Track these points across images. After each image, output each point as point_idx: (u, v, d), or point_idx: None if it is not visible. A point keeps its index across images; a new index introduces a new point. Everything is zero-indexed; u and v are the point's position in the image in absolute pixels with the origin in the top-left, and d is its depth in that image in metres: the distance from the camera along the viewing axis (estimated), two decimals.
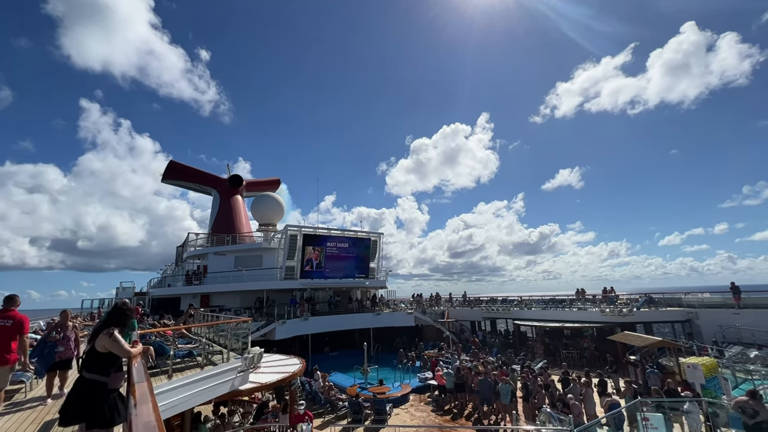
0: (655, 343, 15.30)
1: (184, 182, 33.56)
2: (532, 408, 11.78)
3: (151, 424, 1.59)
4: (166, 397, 6.57)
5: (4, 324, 4.71)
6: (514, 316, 25.87)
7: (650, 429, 9.01)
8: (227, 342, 9.80)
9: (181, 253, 30.52)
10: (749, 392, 8.03)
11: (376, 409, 13.02)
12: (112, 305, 3.57)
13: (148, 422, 1.59)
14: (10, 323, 4.74)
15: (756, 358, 13.65)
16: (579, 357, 20.41)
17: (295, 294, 25.14)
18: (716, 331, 17.81)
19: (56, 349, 5.58)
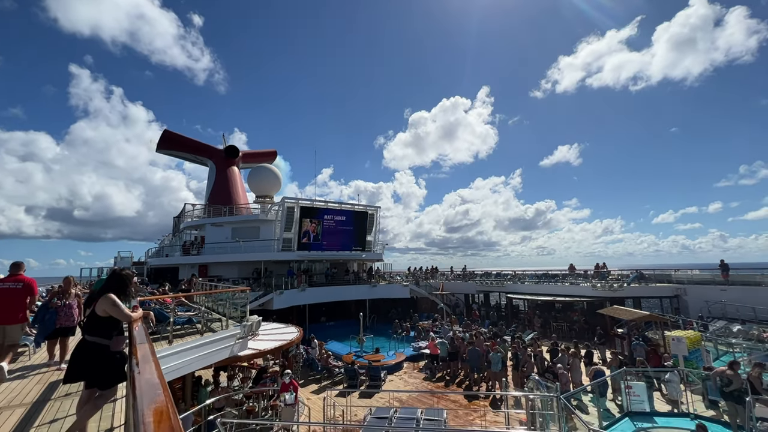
0: (643, 317, 15.77)
1: (179, 152, 33.08)
2: (521, 376, 12.29)
3: (153, 381, 1.64)
4: (167, 361, 6.77)
5: (15, 287, 5.04)
6: (507, 290, 26.46)
7: (632, 396, 9.46)
8: (226, 310, 10.03)
9: (178, 224, 30.55)
10: (729, 363, 8.39)
11: (371, 375, 13.52)
12: (110, 271, 3.60)
13: (151, 379, 1.65)
14: (20, 285, 5.06)
15: (738, 332, 14.16)
16: (569, 329, 21.05)
17: (293, 265, 25.45)
18: (702, 306, 18.33)
19: (58, 316, 5.56)
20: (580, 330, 20.60)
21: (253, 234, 26.17)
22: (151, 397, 1.40)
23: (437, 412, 9.70)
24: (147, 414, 1.21)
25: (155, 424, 1.13)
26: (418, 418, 9.23)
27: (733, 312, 16.99)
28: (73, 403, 3.80)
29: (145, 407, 1.29)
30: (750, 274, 19.24)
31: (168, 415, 1.18)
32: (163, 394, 1.40)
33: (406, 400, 12.06)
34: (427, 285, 28.89)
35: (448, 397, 12.31)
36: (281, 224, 24.34)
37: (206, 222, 26.97)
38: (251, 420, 8.62)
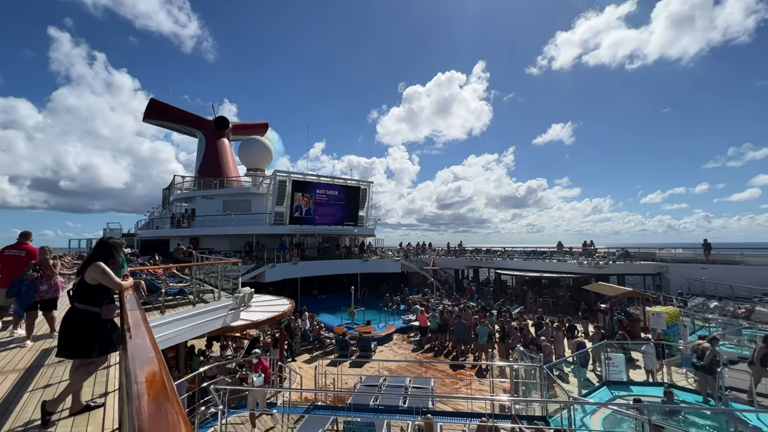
0: (626, 293, 16.30)
1: (167, 122, 32.14)
2: (506, 348, 12.75)
3: (144, 345, 1.66)
4: (160, 330, 6.85)
5: (18, 254, 5.48)
6: (496, 266, 26.98)
7: (612, 367, 9.91)
8: (218, 282, 10.09)
9: (168, 196, 30.13)
10: (709, 338, 8.78)
11: (361, 346, 13.90)
12: (98, 240, 3.54)
13: (142, 343, 1.67)
14: (24, 254, 5.48)
15: (715, 309, 14.74)
16: (554, 304, 21.70)
17: (285, 239, 25.49)
18: (683, 283, 18.95)
19: (38, 288, 5.27)
20: (565, 305, 21.26)
21: (245, 207, 25.99)
22: (142, 359, 1.42)
23: (425, 381, 10.08)
24: (139, 375, 1.23)
25: (147, 384, 1.16)
26: (407, 386, 9.59)
27: (711, 289, 17.62)
28: (67, 369, 3.85)
29: (137, 369, 1.31)
30: (730, 253, 19.84)
31: (160, 377, 1.21)
32: (154, 357, 1.43)
33: (396, 369, 12.47)
34: (418, 260, 29.27)
35: (435, 367, 12.76)
36: (273, 198, 24.15)
37: (196, 194, 26.65)
38: (244, 387, 8.85)
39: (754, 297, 15.59)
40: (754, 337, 11.38)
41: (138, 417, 0.98)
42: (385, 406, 8.39)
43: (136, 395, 1.10)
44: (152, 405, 1.02)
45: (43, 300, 5.29)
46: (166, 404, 1.02)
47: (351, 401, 8.55)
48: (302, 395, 10.23)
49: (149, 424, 0.94)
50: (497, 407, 8.47)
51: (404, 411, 8.09)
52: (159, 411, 0.99)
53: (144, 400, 1.05)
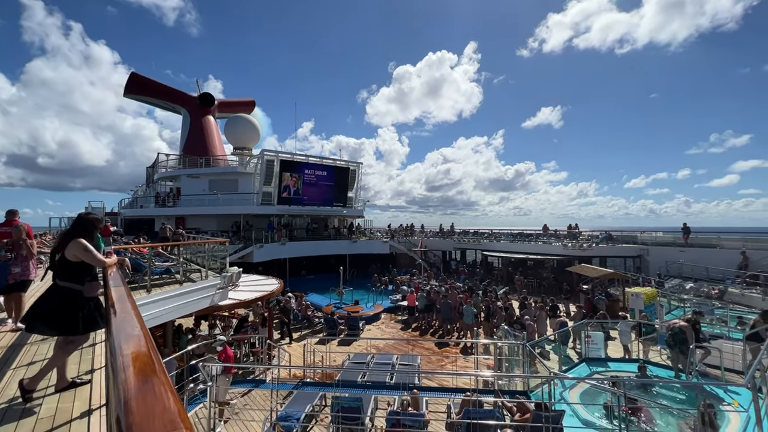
0: (607, 274, 16.81)
1: (150, 98, 31.02)
2: (491, 327, 13.10)
3: (130, 318, 1.65)
4: (146, 309, 6.79)
5: (6, 230, 5.54)
6: (483, 248, 27.42)
7: (591, 344, 10.31)
8: (205, 262, 10.02)
9: (152, 174, 29.43)
10: (687, 318, 9.16)
11: (349, 325, 14.09)
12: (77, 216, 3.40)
13: (127, 317, 1.65)
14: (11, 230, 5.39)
15: (690, 290, 15.34)
16: (538, 285, 22.27)
17: (273, 219, 25.30)
18: (662, 266, 19.62)
19: (11, 269, 5.01)
20: (548, 286, 21.83)
21: (232, 187, 25.59)
22: (127, 333, 1.41)
23: (411, 358, 10.33)
24: (125, 348, 1.22)
25: (133, 356, 1.15)
26: (394, 363, 9.82)
27: (688, 271, 18.28)
28: (50, 347, 3.81)
29: (122, 343, 1.30)
30: (707, 237, 20.57)
31: (146, 349, 1.20)
32: (140, 330, 1.41)
33: (383, 347, 12.73)
34: (406, 242, 29.49)
35: (422, 345, 13.06)
36: (261, 177, 23.80)
37: (182, 173, 26.07)
38: (232, 364, 8.93)
39: (727, 279, 16.25)
40: (725, 316, 11.94)
41: (124, 389, 0.97)
42: (373, 383, 8.60)
43: (122, 368, 1.09)
44: (138, 377, 1.02)
45: (16, 282, 5.01)
46: (152, 376, 1.02)
47: (339, 378, 8.73)
48: (291, 372, 10.39)
49: (136, 395, 0.94)
50: (481, 383, 8.76)
51: (391, 387, 8.31)
52: (145, 383, 0.99)
53: (130, 372, 1.04)
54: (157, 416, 0.83)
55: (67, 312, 2.98)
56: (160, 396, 0.91)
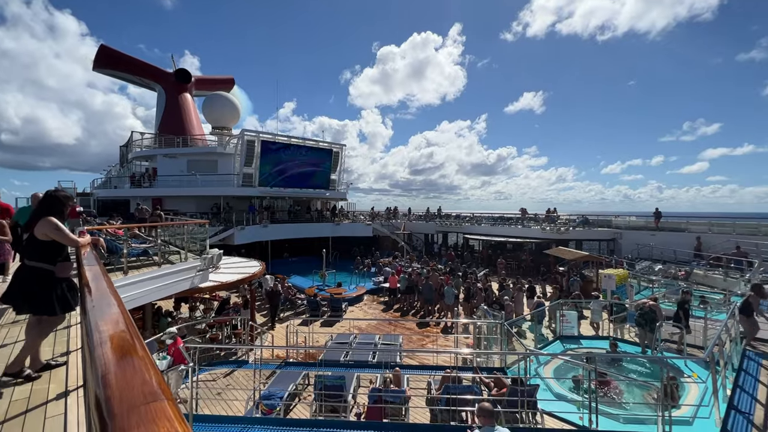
0: (582, 257, 17.40)
1: (121, 73, 29.39)
2: (471, 307, 13.45)
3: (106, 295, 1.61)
4: (123, 291, 6.65)
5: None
6: (464, 231, 27.86)
7: (565, 323, 10.75)
8: (185, 244, 9.81)
9: (126, 154, 28.27)
10: (652, 298, 9.65)
11: (332, 306, 14.20)
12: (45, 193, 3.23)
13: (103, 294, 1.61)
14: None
15: (659, 271, 16.09)
16: (517, 267, 22.89)
17: (254, 201, 24.88)
18: (634, 248, 20.46)
19: None
20: (527, 268, 22.47)
21: (211, 168, 24.89)
22: (103, 310, 1.38)
23: (393, 338, 10.54)
24: (101, 325, 1.20)
25: (110, 332, 1.13)
26: (376, 342, 10.01)
27: (657, 254, 19.15)
28: (22, 330, 3.70)
29: (98, 320, 1.27)
30: (677, 221, 21.51)
31: (123, 325, 1.18)
32: (116, 306, 1.39)
33: (366, 328, 12.93)
34: (389, 224, 29.61)
35: (404, 325, 13.33)
36: (241, 158, 23.23)
37: (158, 153, 25.12)
38: (214, 345, 8.92)
39: (693, 261, 17.12)
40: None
41: (102, 363, 0.96)
42: (356, 362, 8.76)
43: (99, 343, 1.07)
44: (116, 351, 1.01)
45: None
46: (130, 350, 1.00)
47: (322, 357, 8.85)
48: (274, 353, 10.45)
49: (114, 369, 0.92)
50: (460, 360, 9.06)
51: (373, 365, 8.49)
52: (123, 357, 0.98)
53: (107, 347, 1.03)
54: (136, 388, 0.82)
55: (42, 292, 2.89)
56: (139, 369, 0.90)
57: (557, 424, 6.00)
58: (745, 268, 14.01)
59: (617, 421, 6.18)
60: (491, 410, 4.10)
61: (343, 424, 5.63)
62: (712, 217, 21.35)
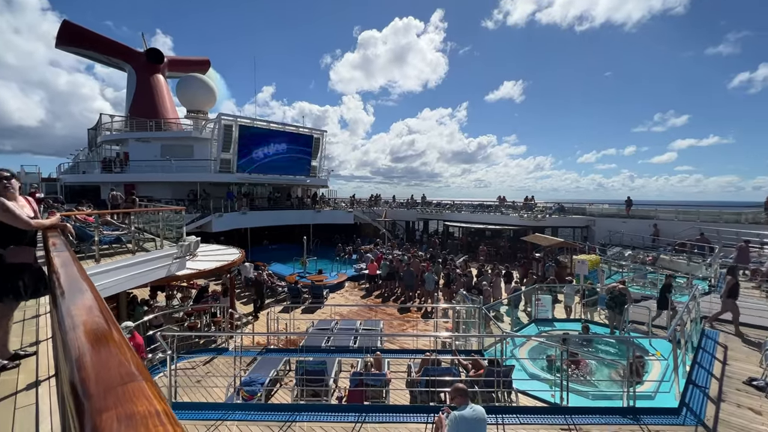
0: (558, 243, 17.96)
1: (87, 51, 27.75)
2: (451, 292, 13.74)
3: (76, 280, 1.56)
4: (96, 279, 6.43)
5: None
6: (445, 218, 28.21)
7: (540, 307, 11.15)
8: (160, 231, 9.54)
9: (95, 137, 26.94)
10: (620, 282, 10.10)
11: (313, 293, 14.20)
12: None
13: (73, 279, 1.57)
14: None
15: (629, 257, 16.82)
16: (496, 254, 23.44)
17: (232, 188, 24.33)
18: (606, 235, 21.29)
19: None
20: (504, 254, 23.04)
21: (186, 153, 24.09)
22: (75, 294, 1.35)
23: (374, 323, 10.67)
24: (73, 309, 1.17)
25: (83, 316, 1.11)
26: (357, 328, 10.11)
27: (628, 240, 20.00)
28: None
29: (70, 304, 1.24)
30: (646, 209, 22.46)
31: (97, 308, 1.15)
32: (88, 290, 1.35)
33: (347, 314, 13.01)
34: (370, 212, 29.61)
35: (385, 311, 13.50)
36: (218, 143, 22.57)
37: (129, 136, 24.08)
38: (192, 333, 8.81)
39: (660, 247, 17.97)
40: (656, 280, 13.27)
41: (76, 347, 0.94)
42: (337, 347, 8.85)
43: (71, 328, 1.05)
44: (90, 334, 0.99)
45: None
46: (105, 333, 0.99)
47: (303, 344, 8.88)
48: (254, 340, 10.42)
49: (89, 351, 0.91)
50: (439, 344, 9.29)
51: (355, 350, 8.59)
52: (98, 339, 0.96)
53: (80, 331, 1.01)
54: (112, 369, 0.81)
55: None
56: (114, 351, 0.89)
57: (531, 402, 6.28)
58: (706, 254, 14.82)
59: (586, 398, 6.53)
60: (465, 389, 4.25)
61: (325, 407, 5.71)
62: (678, 205, 22.41)
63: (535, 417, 5.28)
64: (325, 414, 5.40)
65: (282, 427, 5.12)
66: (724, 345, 7.28)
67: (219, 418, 5.28)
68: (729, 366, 6.47)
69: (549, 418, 5.24)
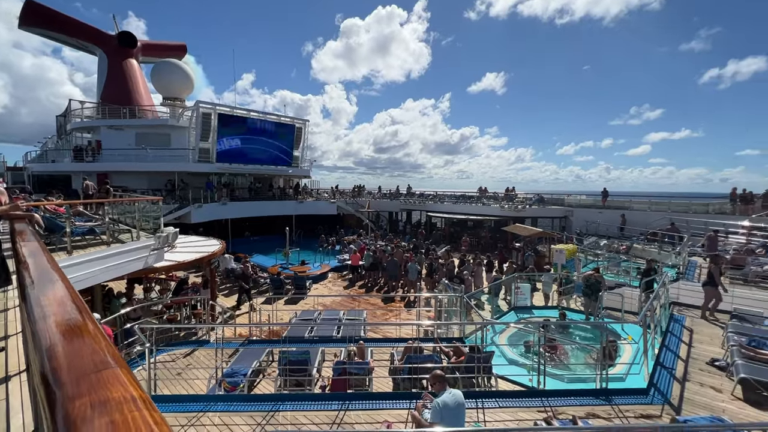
0: (537, 233, 18.39)
1: (55, 33, 26.25)
2: (433, 282, 13.92)
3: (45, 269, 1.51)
4: (69, 272, 6.22)
5: None
6: (428, 209, 28.42)
7: (519, 295, 11.44)
8: (136, 222, 9.27)
9: (64, 125, 25.72)
10: (594, 268, 10.44)
11: (296, 284, 14.13)
12: None
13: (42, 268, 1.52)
14: None
15: (604, 246, 17.39)
16: (477, 244, 23.83)
17: (212, 178, 23.76)
18: (583, 225, 21.93)
19: None
20: (486, 244, 23.46)
21: (163, 141, 23.32)
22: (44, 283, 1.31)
23: (358, 313, 10.73)
24: (42, 299, 1.13)
25: (54, 305, 1.07)
26: (341, 318, 10.15)
27: (603, 230, 20.67)
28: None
29: (40, 294, 1.20)
30: (622, 200, 23.23)
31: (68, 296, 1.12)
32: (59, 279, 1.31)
33: (330, 305, 13.03)
34: (353, 202, 29.52)
35: (368, 301, 13.58)
36: (197, 132, 21.94)
37: (102, 124, 23.08)
38: (172, 325, 8.66)
39: (633, 236, 18.65)
40: (629, 268, 13.80)
41: (47, 337, 0.92)
42: (320, 337, 8.86)
43: (42, 318, 1.02)
44: (62, 324, 0.96)
45: None
46: (77, 322, 0.96)
47: (286, 334, 8.85)
48: (236, 332, 10.33)
49: (60, 341, 0.89)
50: (422, 332, 9.43)
51: (338, 340, 8.64)
52: (70, 328, 0.94)
53: (51, 321, 0.98)
54: (85, 358, 0.80)
55: None
56: (88, 339, 0.87)
57: (509, 386, 6.48)
58: (676, 243, 15.48)
59: (562, 381, 6.79)
60: (443, 375, 4.36)
61: (308, 396, 5.75)
62: (651, 196, 23.25)
63: (513, 400, 5.46)
64: (308, 403, 5.44)
65: (265, 416, 5.13)
66: (690, 328, 7.68)
67: (201, 410, 5.24)
68: (694, 348, 6.84)
69: (526, 401, 5.44)
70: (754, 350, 5.96)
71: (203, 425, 4.95)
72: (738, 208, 18.02)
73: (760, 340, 6.32)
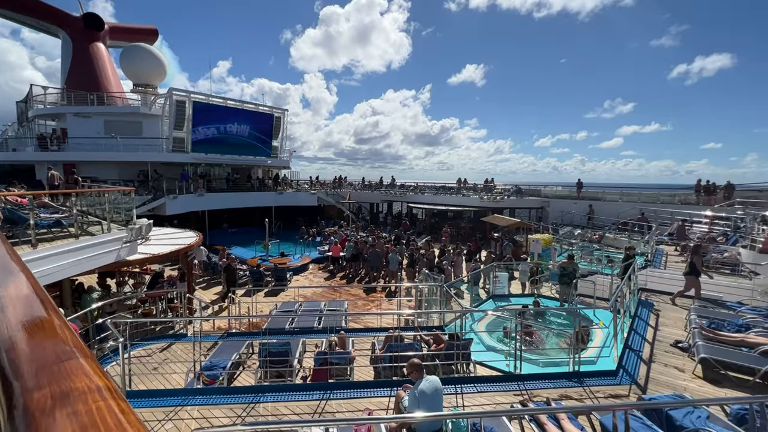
0: (515, 223, 18.81)
1: (11, 13, 24.58)
2: (414, 272, 14.07)
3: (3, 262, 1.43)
4: (34, 266, 5.94)
5: None
6: (408, 200, 28.58)
7: (497, 284, 11.71)
8: (107, 214, 8.91)
9: (26, 111, 24.27)
10: (568, 255, 10.78)
11: (276, 276, 13.99)
12: None
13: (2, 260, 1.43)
14: None
15: (578, 235, 17.99)
16: (457, 234, 24.18)
17: (187, 169, 23.05)
18: (558, 215, 22.58)
19: None
20: (465, 234, 23.83)
21: (134, 130, 22.39)
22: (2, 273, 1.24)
23: (339, 304, 10.74)
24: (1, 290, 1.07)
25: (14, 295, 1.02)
26: (322, 309, 10.13)
27: (577, 220, 21.36)
28: None
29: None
30: (595, 191, 24.01)
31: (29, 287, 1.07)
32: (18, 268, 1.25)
33: (311, 296, 12.98)
34: (334, 194, 29.32)
35: (349, 292, 13.60)
36: (170, 121, 21.18)
37: (67, 111, 21.93)
38: (147, 319, 8.44)
39: (606, 226, 19.35)
40: (601, 256, 14.32)
41: (5, 328, 0.87)
42: (301, 328, 8.83)
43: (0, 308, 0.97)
44: (21, 314, 0.92)
45: None
46: (38, 312, 0.92)
47: (267, 326, 8.78)
48: (215, 325, 10.17)
49: (20, 331, 0.85)
50: (402, 321, 9.54)
51: (319, 331, 8.63)
52: (31, 318, 0.90)
53: (10, 312, 0.93)
54: (47, 349, 0.76)
55: None
56: (50, 329, 0.83)
57: (487, 372, 6.66)
58: (645, 232, 16.16)
59: (537, 365, 7.03)
60: (420, 364, 4.45)
61: (289, 387, 5.73)
62: (623, 188, 24.13)
63: (491, 385, 5.62)
64: (289, 394, 5.43)
65: (246, 408, 5.09)
66: (657, 312, 8.07)
67: (179, 404, 5.15)
68: (659, 331, 7.21)
69: (504, 385, 5.61)
70: (714, 332, 6.33)
71: (181, 419, 4.87)
72: (701, 199, 18.95)
73: (719, 322, 6.72)
